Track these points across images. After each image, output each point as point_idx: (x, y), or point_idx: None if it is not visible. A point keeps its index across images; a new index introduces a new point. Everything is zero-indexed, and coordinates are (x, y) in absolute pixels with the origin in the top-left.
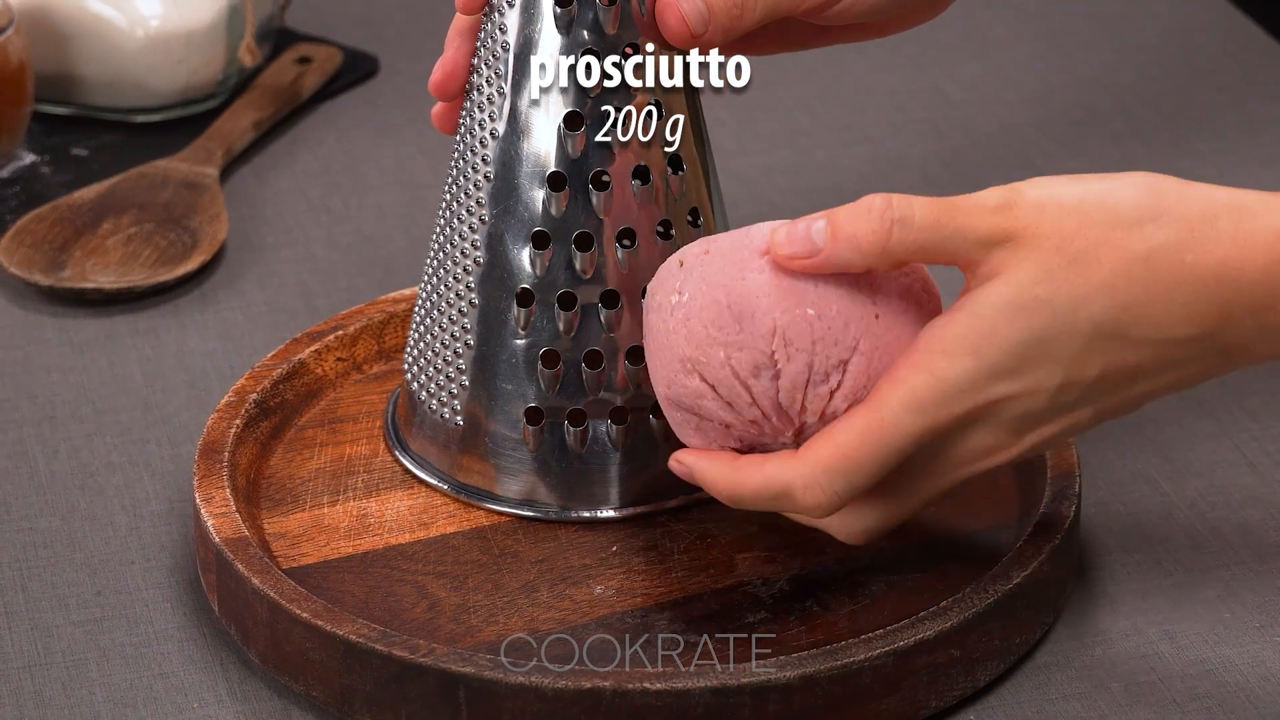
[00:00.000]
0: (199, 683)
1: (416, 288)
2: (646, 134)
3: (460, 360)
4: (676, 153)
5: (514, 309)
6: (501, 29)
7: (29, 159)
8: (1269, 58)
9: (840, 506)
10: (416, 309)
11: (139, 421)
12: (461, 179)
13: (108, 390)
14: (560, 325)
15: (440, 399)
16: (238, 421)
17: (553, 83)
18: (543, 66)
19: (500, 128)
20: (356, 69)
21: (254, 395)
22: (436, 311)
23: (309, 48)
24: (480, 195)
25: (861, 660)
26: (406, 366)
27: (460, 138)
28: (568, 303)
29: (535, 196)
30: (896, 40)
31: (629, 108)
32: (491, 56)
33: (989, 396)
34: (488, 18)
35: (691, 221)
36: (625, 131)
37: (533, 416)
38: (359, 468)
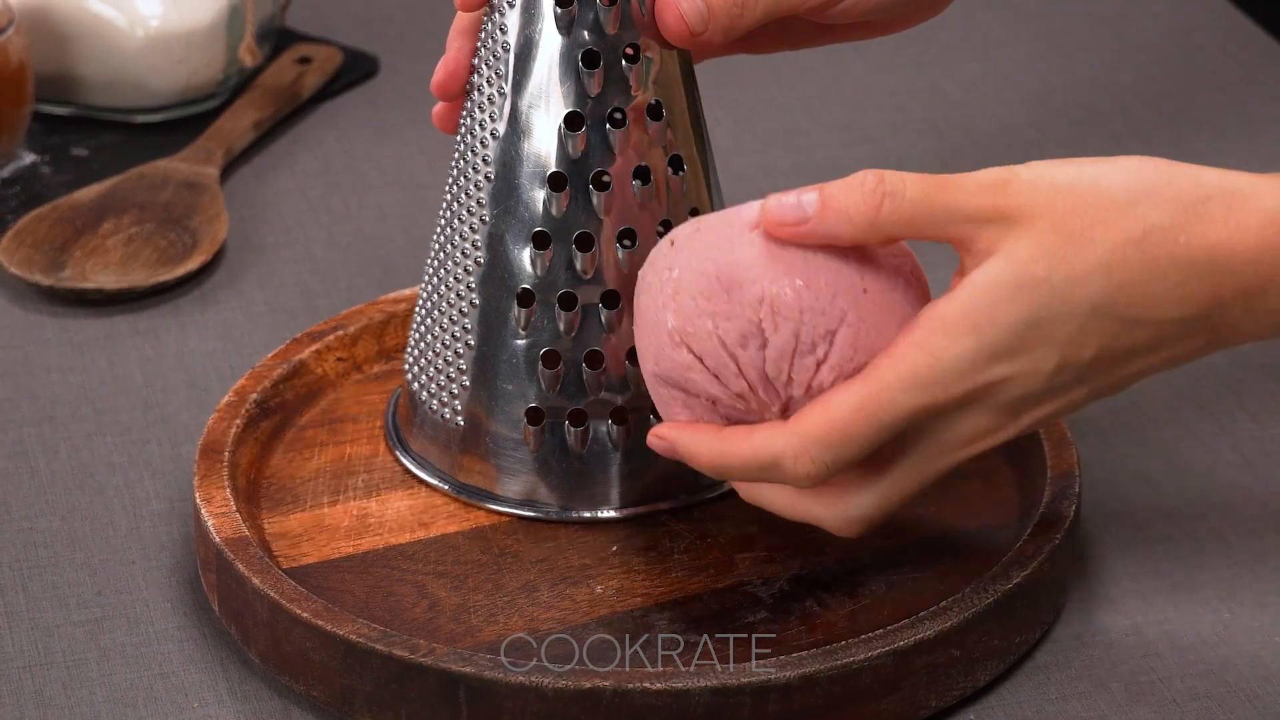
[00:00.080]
0: (199, 682)
1: (417, 288)
2: (646, 134)
3: (461, 360)
4: (677, 153)
5: (515, 309)
6: (502, 29)
7: (29, 159)
8: (1269, 58)
9: (827, 479)
10: (417, 309)
11: (139, 421)
12: (462, 179)
13: (108, 390)
14: (561, 325)
15: (441, 399)
16: (238, 421)
17: (553, 83)
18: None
19: (501, 128)
20: (356, 69)
21: (254, 395)
22: (437, 312)
23: (309, 48)
24: (481, 195)
25: (861, 660)
26: (407, 366)
27: (461, 138)
28: (568, 303)
29: (536, 197)
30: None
31: (629, 108)
32: (492, 57)
33: (987, 378)
34: (488, 18)
35: None
36: (625, 132)
37: (533, 417)
38: (359, 468)
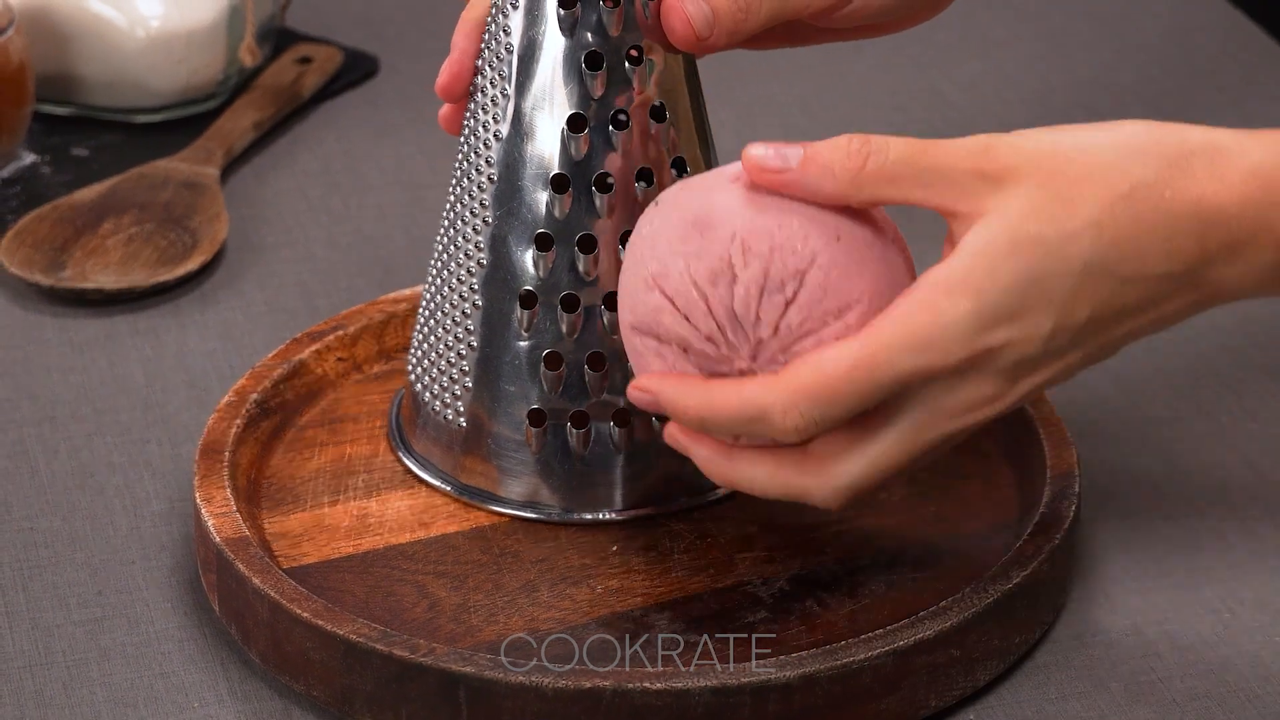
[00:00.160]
0: (199, 682)
1: (420, 288)
2: (650, 136)
3: (464, 361)
4: (680, 154)
5: (517, 311)
6: (505, 31)
7: (29, 159)
8: (1269, 58)
9: (814, 435)
10: (420, 310)
11: (139, 421)
12: (465, 180)
13: (108, 390)
14: (563, 327)
15: (444, 400)
16: (238, 421)
17: (556, 85)
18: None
19: (504, 130)
20: (357, 69)
21: (254, 395)
22: (440, 313)
23: (309, 48)
24: (484, 197)
25: (861, 660)
26: (410, 367)
27: (464, 139)
28: (571, 305)
29: (539, 198)
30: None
31: (632, 109)
32: (495, 58)
33: (986, 343)
34: (492, 19)
35: None
36: (629, 134)
37: (535, 418)
38: (359, 468)
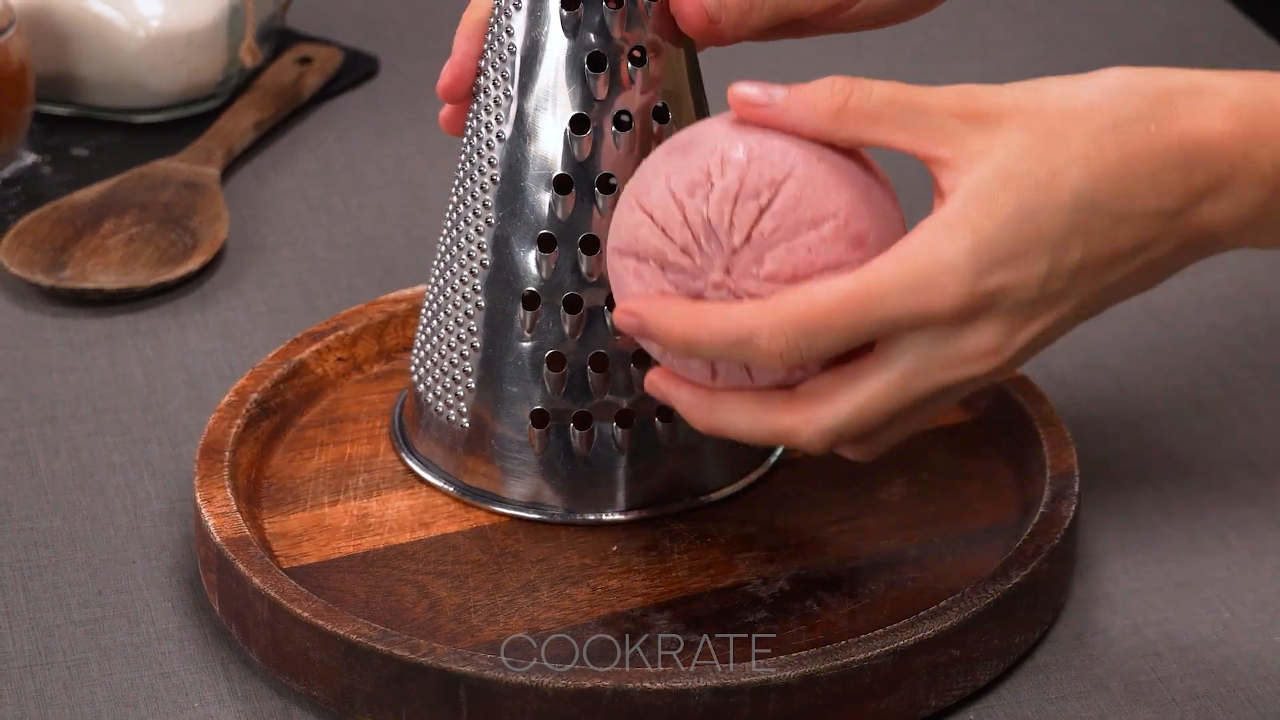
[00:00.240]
0: (200, 682)
1: (420, 288)
2: (652, 137)
3: (467, 362)
4: None
5: (520, 311)
6: (508, 31)
7: (30, 159)
8: (1269, 58)
9: (799, 364)
10: (423, 310)
11: (140, 421)
12: (468, 181)
13: (108, 390)
14: (566, 328)
15: (447, 401)
16: (238, 421)
17: (559, 86)
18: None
19: (507, 130)
20: (357, 69)
21: (255, 395)
22: (443, 314)
23: (309, 48)
24: (487, 198)
25: (861, 660)
26: (413, 368)
27: (467, 140)
28: (574, 305)
29: (541, 199)
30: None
31: (635, 110)
32: (498, 59)
33: (984, 287)
34: (495, 20)
35: None
36: (631, 135)
37: (538, 419)
38: (360, 467)
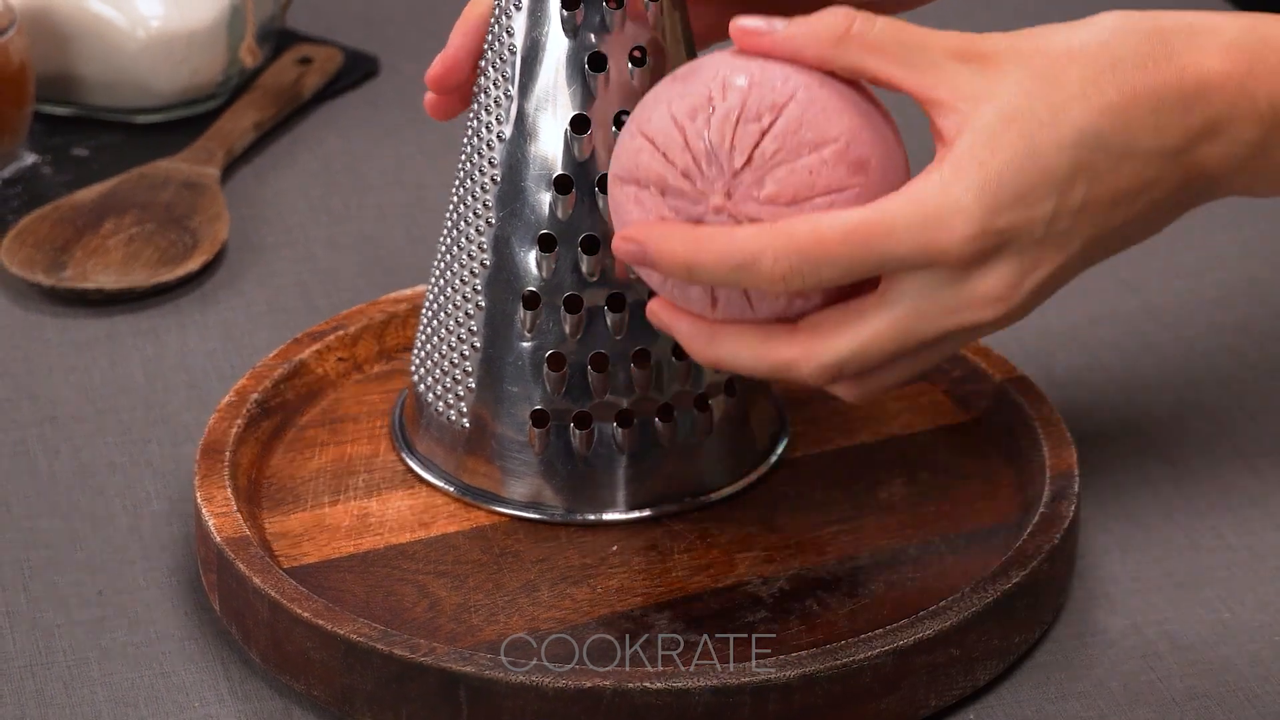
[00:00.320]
0: (200, 682)
1: (421, 288)
2: None
3: (467, 362)
4: None
5: (520, 311)
6: (509, 32)
7: (30, 159)
8: None
9: (801, 290)
10: (424, 310)
11: (140, 421)
12: (469, 181)
13: (109, 390)
14: (566, 328)
15: (447, 400)
16: (239, 421)
17: (560, 86)
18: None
19: (507, 131)
20: (357, 69)
21: (255, 395)
22: (443, 313)
23: (310, 48)
24: (487, 198)
25: (861, 660)
26: (414, 368)
27: (468, 140)
28: (574, 305)
29: (542, 199)
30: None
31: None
32: (499, 60)
33: (994, 226)
34: (495, 20)
35: None
36: None
37: (538, 419)
38: (360, 467)
